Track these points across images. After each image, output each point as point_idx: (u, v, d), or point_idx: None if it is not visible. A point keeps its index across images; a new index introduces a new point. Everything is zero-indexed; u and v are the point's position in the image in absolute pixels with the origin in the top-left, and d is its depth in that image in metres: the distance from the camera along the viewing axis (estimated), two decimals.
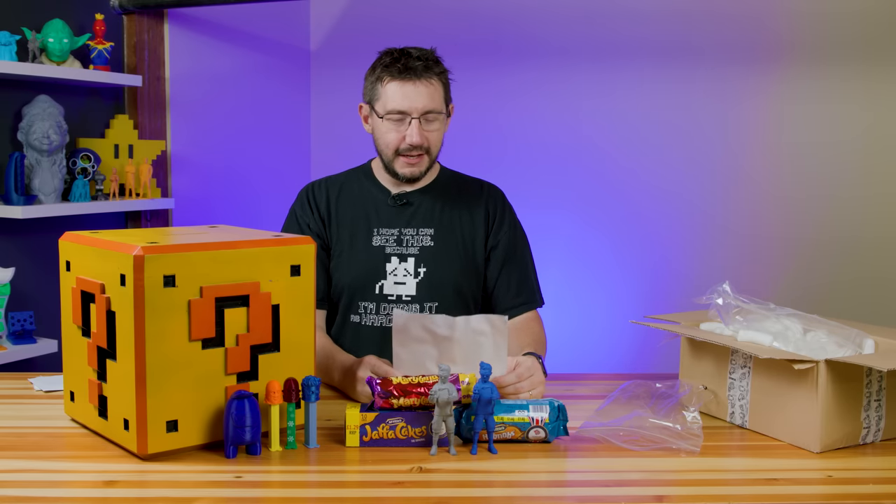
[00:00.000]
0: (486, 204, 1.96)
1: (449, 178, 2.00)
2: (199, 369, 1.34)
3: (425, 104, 1.82)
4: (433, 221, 1.92)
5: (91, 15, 2.66)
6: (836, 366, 1.36)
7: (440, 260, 1.89)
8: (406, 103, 1.81)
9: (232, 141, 3.26)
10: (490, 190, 2.00)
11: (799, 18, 3.22)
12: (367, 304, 1.88)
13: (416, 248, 1.89)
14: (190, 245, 1.33)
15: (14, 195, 2.38)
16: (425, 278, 1.88)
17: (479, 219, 1.94)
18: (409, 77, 1.81)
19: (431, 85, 1.83)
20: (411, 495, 1.20)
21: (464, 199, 1.96)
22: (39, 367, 2.47)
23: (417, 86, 1.81)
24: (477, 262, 1.93)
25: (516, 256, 1.95)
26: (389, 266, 1.88)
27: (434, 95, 1.83)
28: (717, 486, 1.26)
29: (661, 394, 1.51)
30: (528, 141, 3.45)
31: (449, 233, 1.92)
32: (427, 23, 3.43)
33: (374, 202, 1.94)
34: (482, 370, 1.36)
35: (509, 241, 1.95)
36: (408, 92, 1.81)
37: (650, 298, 3.36)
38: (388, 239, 1.90)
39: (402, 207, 1.93)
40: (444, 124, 1.90)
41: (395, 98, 1.82)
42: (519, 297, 1.93)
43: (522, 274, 1.95)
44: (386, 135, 1.86)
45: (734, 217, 3.33)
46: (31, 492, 1.21)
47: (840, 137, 3.23)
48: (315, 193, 1.97)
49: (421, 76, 1.81)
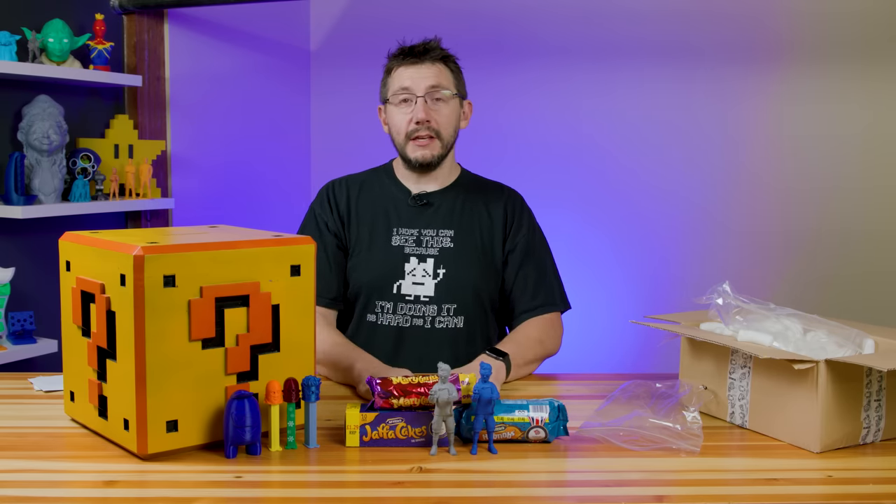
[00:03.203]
0: (505, 207, 1.97)
1: (469, 180, 2.02)
2: (199, 369, 1.34)
3: (430, 81, 1.88)
4: (453, 223, 1.93)
5: (91, 15, 2.66)
6: (836, 366, 1.36)
7: (459, 262, 1.90)
8: (410, 81, 1.88)
9: (232, 141, 3.26)
10: (510, 193, 2.02)
11: (799, 18, 3.22)
12: (384, 304, 1.89)
13: (435, 248, 1.90)
14: (190, 245, 1.33)
15: (14, 195, 2.38)
16: (444, 280, 1.88)
17: (499, 221, 1.95)
18: (413, 60, 1.89)
19: (435, 66, 1.90)
20: (411, 495, 1.20)
21: (483, 201, 1.97)
22: (39, 367, 2.47)
23: (421, 67, 1.89)
24: (496, 265, 1.93)
25: (534, 259, 1.95)
26: (408, 266, 1.89)
27: (440, 75, 1.90)
28: (717, 486, 1.26)
29: (661, 394, 1.51)
30: (528, 140, 3.45)
31: (468, 234, 1.93)
32: (427, 23, 3.42)
33: (395, 201, 1.95)
34: (482, 370, 1.36)
35: (527, 243, 1.96)
36: (412, 72, 1.89)
37: (650, 298, 3.36)
38: (407, 239, 1.91)
39: (422, 208, 1.94)
40: (454, 110, 1.92)
41: (400, 79, 1.89)
42: (535, 300, 1.93)
43: (540, 276, 1.95)
44: (395, 118, 1.91)
45: (734, 217, 3.33)
46: (31, 492, 1.21)
47: (840, 137, 3.23)
48: (335, 192, 1.99)
49: (425, 58, 1.89)
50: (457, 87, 1.93)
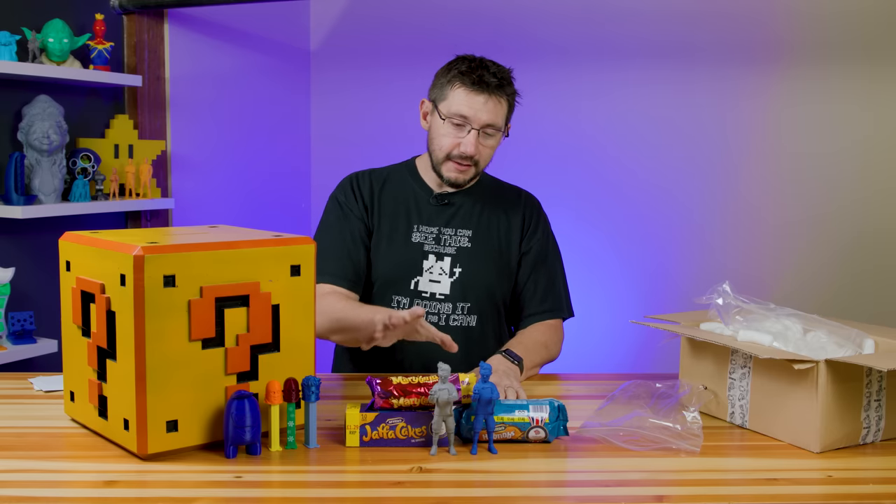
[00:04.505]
0: (523, 211, 2.00)
1: (490, 182, 2.04)
2: (199, 369, 1.34)
3: (489, 118, 1.85)
4: (472, 223, 1.95)
5: (91, 15, 2.66)
6: (836, 366, 1.36)
7: (476, 262, 1.92)
8: (471, 112, 1.84)
9: (232, 141, 3.26)
10: (528, 198, 2.04)
11: (799, 18, 3.22)
12: (400, 299, 1.91)
13: (453, 247, 1.92)
14: (190, 245, 1.33)
15: (14, 195, 2.38)
16: (460, 279, 1.91)
17: (516, 224, 1.98)
18: (481, 89, 1.83)
19: (499, 103, 1.86)
20: (411, 495, 1.20)
21: (502, 204, 2.00)
22: (39, 367, 2.47)
23: (486, 99, 1.84)
24: (511, 267, 1.96)
25: (546, 264, 1.98)
26: (426, 263, 1.91)
27: (499, 112, 1.86)
28: (717, 486, 1.26)
29: (661, 394, 1.51)
30: (527, 140, 3.45)
31: (486, 235, 1.95)
32: (427, 23, 3.43)
33: (416, 199, 1.97)
34: (482, 370, 1.36)
35: (541, 248, 1.98)
36: (475, 102, 1.83)
37: (650, 298, 3.36)
38: (426, 236, 1.93)
39: (443, 207, 1.95)
40: (498, 141, 1.92)
41: (461, 103, 1.84)
42: (544, 304, 1.96)
43: (550, 282, 1.98)
44: (443, 137, 1.88)
45: (734, 217, 3.33)
46: (31, 492, 1.21)
47: (840, 137, 3.22)
48: (360, 182, 1.99)
49: (493, 92, 1.84)
50: (507, 119, 1.91)
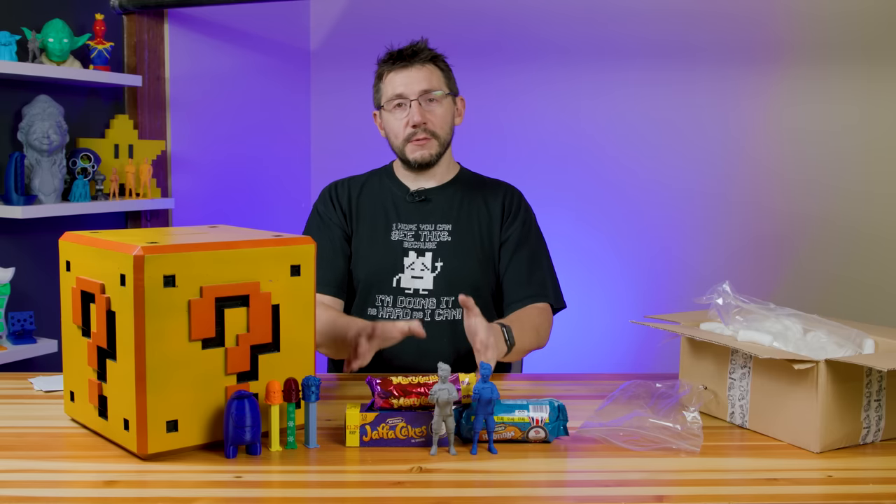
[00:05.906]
0: (503, 200, 2.00)
1: (468, 177, 2.05)
2: (198, 369, 1.34)
3: (422, 85, 1.90)
4: (451, 217, 1.96)
5: (91, 15, 2.66)
6: (836, 366, 1.36)
7: (457, 255, 1.92)
8: (403, 86, 1.90)
9: (232, 141, 3.26)
10: (508, 188, 2.05)
11: (799, 18, 3.22)
12: (384, 297, 1.92)
13: (433, 242, 1.93)
14: (190, 245, 1.33)
15: (14, 195, 2.38)
16: (442, 273, 1.91)
17: (496, 214, 1.98)
18: (403, 64, 1.91)
19: (425, 68, 1.92)
20: (411, 495, 1.20)
21: (482, 196, 2.00)
22: (39, 367, 2.47)
23: (411, 71, 1.90)
24: (493, 257, 1.96)
25: (525, 250, 1.97)
26: (407, 260, 1.92)
27: (431, 78, 1.92)
28: (717, 486, 1.26)
29: (661, 394, 1.51)
30: (527, 140, 3.45)
31: (466, 228, 1.95)
32: (428, 23, 3.42)
33: (394, 198, 1.99)
34: (482, 370, 1.36)
35: (520, 235, 1.98)
36: (402, 77, 1.91)
37: (650, 298, 3.36)
38: (405, 234, 1.94)
39: (420, 203, 1.97)
40: (448, 109, 1.94)
41: (392, 84, 1.91)
42: (527, 290, 1.94)
43: (532, 267, 1.96)
44: (392, 124, 1.93)
45: (734, 217, 3.33)
46: (31, 492, 1.21)
47: (840, 137, 3.22)
48: (338, 191, 2.03)
49: (414, 62, 1.91)
50: (448, 85, 1.96)
